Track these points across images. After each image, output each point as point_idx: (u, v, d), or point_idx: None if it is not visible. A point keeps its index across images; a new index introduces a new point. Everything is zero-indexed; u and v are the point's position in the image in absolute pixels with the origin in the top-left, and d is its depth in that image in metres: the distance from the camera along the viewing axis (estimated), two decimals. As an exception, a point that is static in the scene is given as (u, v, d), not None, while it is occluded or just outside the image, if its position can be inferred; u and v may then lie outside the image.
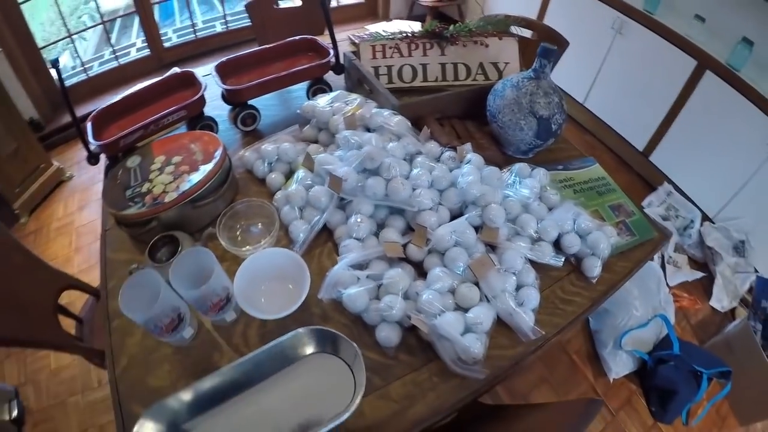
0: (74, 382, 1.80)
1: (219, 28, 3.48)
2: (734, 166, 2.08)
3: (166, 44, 3.25)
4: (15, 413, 1.65)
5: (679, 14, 2.15)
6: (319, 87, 1.43)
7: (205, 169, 1.05)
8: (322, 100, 1.25)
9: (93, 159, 1.19)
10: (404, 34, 1.39)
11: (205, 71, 1.41)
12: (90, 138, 1.15)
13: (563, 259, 0.98)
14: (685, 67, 2.14)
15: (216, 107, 1.37)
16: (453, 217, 0.99)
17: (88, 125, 1.18)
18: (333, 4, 3.87)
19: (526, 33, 1.63)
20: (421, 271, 0.94)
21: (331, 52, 1.39)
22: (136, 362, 0.84)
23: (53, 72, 1.07)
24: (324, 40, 1.44)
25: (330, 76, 1.44)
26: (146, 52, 3.18)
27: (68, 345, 1.20)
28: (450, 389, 0.82)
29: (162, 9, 3.85)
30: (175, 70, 1.39)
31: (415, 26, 1.44)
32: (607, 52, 2.51)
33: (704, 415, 1.73)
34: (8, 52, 2.47)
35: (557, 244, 1.01)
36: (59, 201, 2.55)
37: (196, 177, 1.03)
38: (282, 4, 2.07)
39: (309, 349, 0.80)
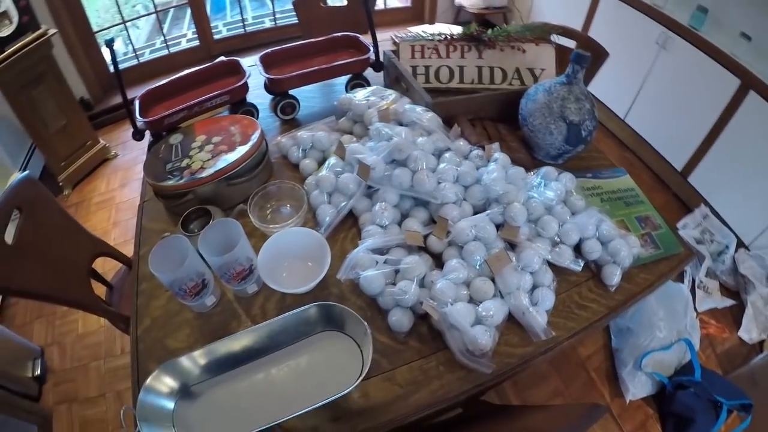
0: (98, 348, 1.89)
1: (268, 23, 3.58)
2: (775, 193, 2.01)
3: (216, 36, 3.36)
4: (38, 371, 1.75)
5: (725, 32, 2.09)
6: (357, 82, 1.47)
7: (242, 150, 1.10)
8: (359, 94, 1.29)
9: (138, 135, 1.26)
10: (443, 36, 1.41)
11: (251, 62, 1.47)
12: (137, 115, 1.22)
13: (582, 264, 0.98)
14: (728, 86, 2.08)
15: (258, 95, 1.43)
16: (476, 214, 1.01)
17: (136, 103, 1.25)
18: (380, 6, 3.93)
19: (568, 43, 1.63)
20: (439, 262, 0.96)
21: (371, 49, 1.43)
22: (158, 324, 0.90)
23: (107, 52, 1.14)
24: (367, 39, 1.48)
25: (369, 73, 1.48)
26: (196, 42, 3.30)
27: (97, 307, 1.27)
28: (455, 380, 0.83)
29: (214, 2, 4.01)
30: (222, 58, 1.46)
31: (455, 29, 1.47)
32: (651, 68, 2.46)
33: (720, 448, 1.67)
34: (65, 34, 2.62)
35: (578, 249, 1.01)
36: (102, 177, 2.68)
37: (232, 156, 1.08)
38: (329, 3, 2.13)
39: (321, 325, 0.83)
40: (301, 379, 0.79)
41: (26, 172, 1.27)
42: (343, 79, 1.49)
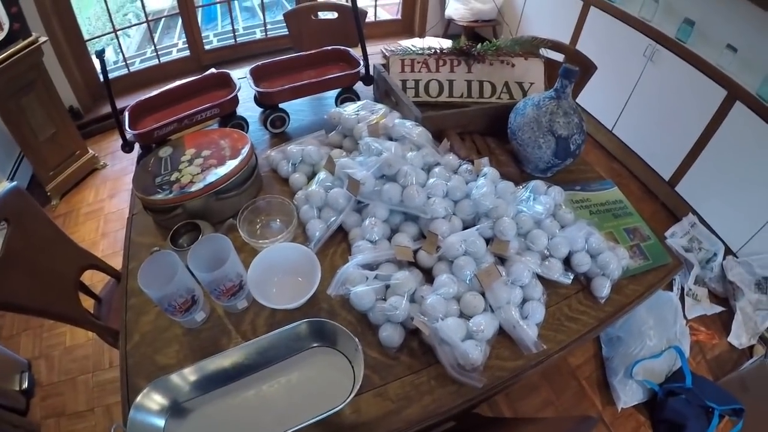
0: (86, 361, 1.86)
1: (259, 35, 3.59)
2: (761, 200, 2.03)
3: (207, 47, 3.36)
4: (25, 385, 1.72)
5: (711, 44, 2.13)
6: (347, 96, 1.48)
7: (232, 164, 1.10)
8: (349, 108, 1.30)
9: (127, 147, 1.25)
10: (433, 50, 1.42)
11: (240, 74, 1.47)
12: (126, 127, 1.22)
13: (572, 277, 0.98)
14: (714, 97, 2.11)
15: (248, 108, 1.43)
16: (465, 228, 1.01)
17: (126, 115, 1.25)
18: (370, 18, 3.94)
19: (557, 56, 1.65)
20: (429, 277, 0.96)
21: (362, 63, 1.44)
22: (147, 339, 0.89)
23: (97, 62, 1.14)
24: (358, 52, 1.49)
25: (359, 87, 1.49)
26: (186, 52, 3.30)
27: (85, 320, 1.25)
28: (447, 394, 0.83)
29: (205, 13, 4.01)
30: (212, 70, 1.46)
31: (445, 43, 1.48)
32: (638, 79, 2.50)
33: (713, 453, 1.68)
34: (55, 42, 2.60)
35: (567, 262, 1.02)
36: (91, 187, 2.66)
37: (222, 170, 1.08)
38: (320, 15, 2.14)
39: (312, 341, 0.83)
40: (292, 395, 0.79)
41: (14, 182, 1.26)
42: (332, 93, 1.50)
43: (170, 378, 0.74)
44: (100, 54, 1.14)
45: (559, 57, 1.66)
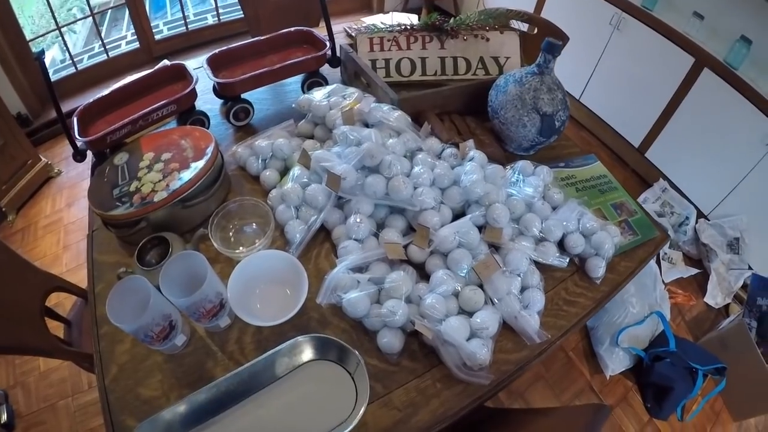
0: (64, 385, 1.76)
1: (211, 20, 3.40)
2: (730, 164, 2.07)
3: (157, 37, 3.17)
4: (5, 417, 1.61)
5: (678, 11, 2.13)
6: (314, 80, 1.39)
7: (196, 166, 1.00)
8: (318, 94, 1.21)
9: (79, 156, 1.14)
10: (403, 27, 1.35)
11: (196, 64, 1.36)
12: (76, 134, 1.10)
13: (568, 260, 0.95)
14: (682, 64, 2.12)
15: (207, 101, 1.33)
16: (455, 217, 0.96)
17: (74, 121, 1.12)
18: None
19: (524, 28, 1.60)
20: (422, 272, 0.91)
21: (327, 44, 1.35)
22: (126, 371, 0.81)
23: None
24: (320, 32, 1.39)
25: (325, 69, 1.39)
26: (136, 44, 3.09)
27: (56, 350, 1.15)
28: (454, 396, 0.79)
29: (153, 1, 3.77)
30: (165, 62, 1.34)
31: (414, 19, 1.40)
32: (605, 48, 2.48)
33: (699, 411, 1.74)
34: (-6, 46, 2.39)
35: (561, 244, 0.99)
36: (47, 198, 2.49)
37: (186, 175, 0.98)
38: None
39: (308, 357, 0.76)
40: (292, 417, 0.72)
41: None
42: (295, 78, 1.40)
43: (158, 417, 0.67)
44: (39, 56, 1.01)
45: (526, 28, 1.61)
